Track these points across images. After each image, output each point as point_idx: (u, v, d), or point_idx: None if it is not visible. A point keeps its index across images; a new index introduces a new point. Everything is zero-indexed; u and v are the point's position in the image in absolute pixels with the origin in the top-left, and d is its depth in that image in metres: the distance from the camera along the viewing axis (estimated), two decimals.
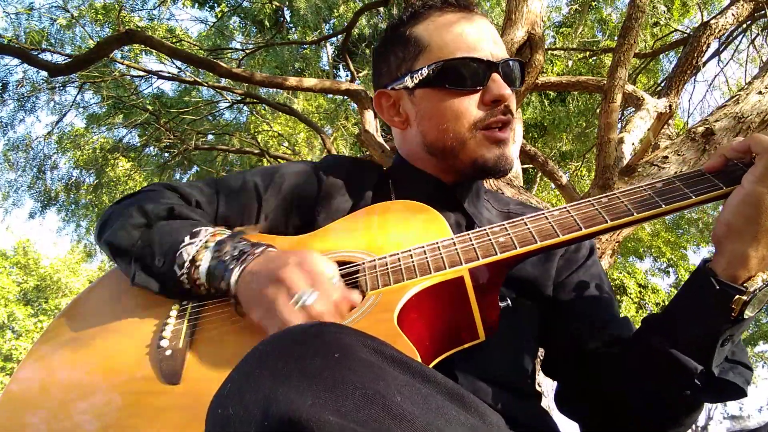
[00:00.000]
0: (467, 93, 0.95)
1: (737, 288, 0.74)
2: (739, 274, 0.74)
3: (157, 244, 0.88)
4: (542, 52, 3.01)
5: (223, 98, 7.98)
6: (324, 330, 0.55)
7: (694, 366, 0.77)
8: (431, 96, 0.97)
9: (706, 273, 0.77)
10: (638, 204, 0.79)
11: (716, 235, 0.77)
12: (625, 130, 3.62)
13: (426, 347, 0.78)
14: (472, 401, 0.55)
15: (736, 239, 0.74)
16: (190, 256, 0.84)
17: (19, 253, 19.25)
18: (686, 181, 0.79)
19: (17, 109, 7.33)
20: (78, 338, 0.87)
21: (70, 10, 7.16)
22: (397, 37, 1.03)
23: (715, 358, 0.77)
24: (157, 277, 0.87)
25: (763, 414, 20.80)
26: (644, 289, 10.59)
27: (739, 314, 0.74)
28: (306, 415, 0.44)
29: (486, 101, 0.95)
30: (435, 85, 0.96)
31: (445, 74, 0.95)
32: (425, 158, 1.03)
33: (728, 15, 3.86)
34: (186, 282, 0.85)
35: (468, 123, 0.95)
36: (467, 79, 0.94)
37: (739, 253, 0.74)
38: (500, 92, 0.94)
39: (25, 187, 8.49)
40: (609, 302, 1.00)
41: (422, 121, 1.00)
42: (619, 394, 0.88)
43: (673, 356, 0.78)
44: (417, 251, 0.84)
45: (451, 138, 0.96)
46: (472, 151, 0.96)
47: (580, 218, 0.80)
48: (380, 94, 1.06)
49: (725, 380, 0.78)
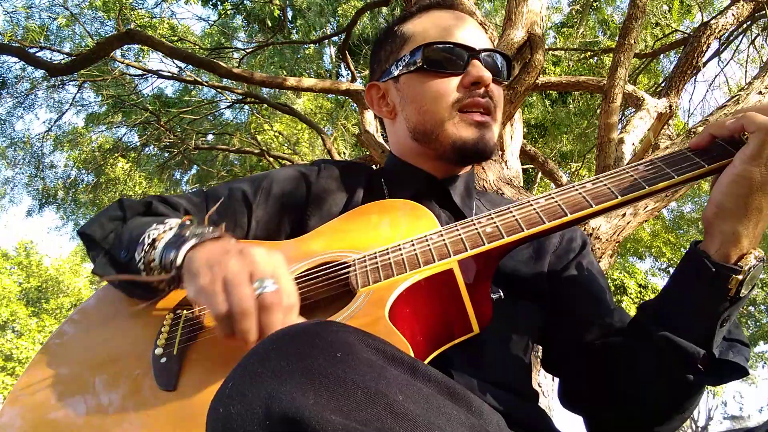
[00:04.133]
0: (447, 75, 0.98)
1: (732, 268, 0.73)
2: (732, 254, 0.74)
3: (126, 235, 0.88)
4: (542, 52, 3.01)
5: (224, 98, 7.97)
6: (325, 329, 0.55)
7: (696, 350, 0.77)
8: (413, 80, 1.01)
9: (699, 255, 0.76)
10: (622, 187, 0.79)
11: (707, 217, 0.76)
12: (625, 131, 3.63)
13: (419, 342, 0.78)
14: (472, 400, 0.55)
15: (728, 219, 0.73)
16: (150, 238, 0.82)
17: (20, 253, 19.26)
18: (668, 162, 0.80)
19: (15, 106, 7.33)
20: (78, 345, 0.87)
21: (70, 8, 7.16)
22: (387, 36, 1.09)
23: (715, 340, 0.77)
24: (118, 267, 0.86)
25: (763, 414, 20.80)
26: (644, 289, 10.59)
27: (735, 294, 0.74)
28: (308, 414, 0.44)
29: (465, 84, 0.97)
30: (417, 70, 1.00)
31: (426, 57, 0.98)
32: (412, 147, 1.05)
33: (728, 15, 3.86)
34: (142, 268, 0.82)
35: (447, 104, 0.97)
36: (447, 63, 0.98)
37: (730, 233, 0.73)
38: (479, 74, 0.96)
39: (22, 185, 8.49)
40: (604, 294, 1.00)
41: (406, 106, 1.03)
42: (620, 384, 0.88)
43: (675, 342, 0.78)
44: (405, 245, 0.84)
45: (430, 120, 0.99)
46: (451, 132, 0.98)
47: (565, 204, 0.80)
48: (370, 86, 1.11)
49: (726, 360, 0.78)
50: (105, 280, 0.90)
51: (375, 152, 4.21)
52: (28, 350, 16.04)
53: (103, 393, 0.77)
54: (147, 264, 0.82)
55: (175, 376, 0.76)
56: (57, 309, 18.22)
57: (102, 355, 0.84)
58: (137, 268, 0.83)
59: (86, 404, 0.77)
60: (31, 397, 0.80)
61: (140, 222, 0.90)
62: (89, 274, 19.15)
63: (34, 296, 18.67)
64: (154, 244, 0.81)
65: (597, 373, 0.92)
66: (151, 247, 0.81)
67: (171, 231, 0.82)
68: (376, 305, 0.75)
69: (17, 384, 0.83)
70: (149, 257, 0.81)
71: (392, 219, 0.92)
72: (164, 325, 0.85)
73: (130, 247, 0.84)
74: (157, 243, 0.81)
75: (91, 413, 0.75)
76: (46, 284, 18.87)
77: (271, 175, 1.09)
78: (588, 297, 1.00)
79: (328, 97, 8.80)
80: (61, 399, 0.79)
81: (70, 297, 18.60)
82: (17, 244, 19.35)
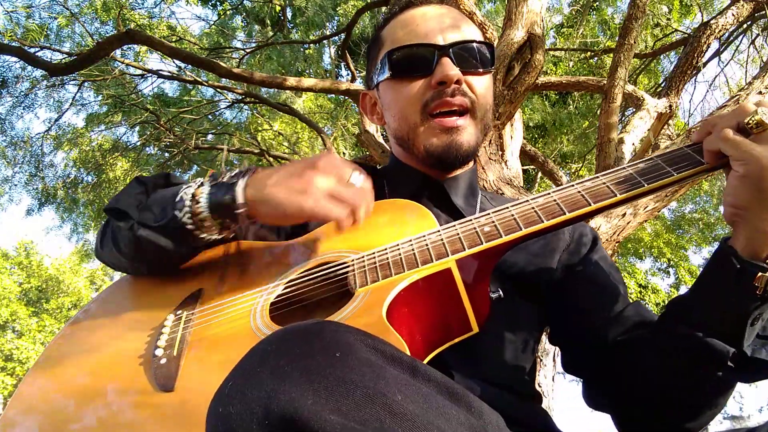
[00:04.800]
0: (416, 78, 0.97)
1: (758, 265, 0.71)
2: (761, 250, 0.71)
3: (156, 203, 0.89)
4: (542, 52, 3.01)
5: (224, 98, 7.97)
6: (325, 328, 0.55)
7: (725, 349, 0.75)
8: (388, 87, 1.01)
9: (727, 252, 0.74)
10: (621, 185, 0.78)
11: (727, 218, 0.75)
12: (625, 131, 3.63)
13: (418, 342, 0.78)
14: (471, 400, 0.55)
15: (747, 216, 0.71)
16: (188, 195, 0.84)
17: (20, 253, 19.26)
18: (668, 159, 0.79)
19: (15, 105, 7.32)
20: (81, 348, 0.88)
21: (70, 8, 7.16)
22: (373, 41, 1.09)
23: (746, 338, 0.74)
24: (162, 231, 0.87)
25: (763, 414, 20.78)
26: (644, 289, 10.58)
27: (764, 292, 0.71)
28: (307, 414, 0.44)
29: (433, 84, 0.95)
30: (389, 77, 0.99)
31: (393, 64, 0.98)
32: (402, 152, 1.07)
33: (728, 15, 3.86)
34: (189, 222, 0.84)
35: (417, 107, 0.97)
36: (415, 66, 0.97)
37: (755, 229, 0.71)
38: (444, 73, 0.94)
39: (21, 184, 8.49)
40: (618, 290, 0.98)
41: (386, 113, 1.04)
42: (649, 382, 0.85)
43: (703, 341, 0.76)
44: (404, 245, 0.84)
45: (404, 126, 0.99)
46: (422, 139, 0.98)
47: (564, 203, 0.80)
48: (362, 96, 1.12)
49: (759, 359, 0.75)
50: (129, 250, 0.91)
51: (375, 152, 4.20)
52: (28, 350, 16.05)
53: (104, 394, 0.77)
54: (195, 216, 0.83)
55: (174, 377, 0.76)
56: (57, 309, 18.22)
57: (104, 356, 0.85)
58: (180, 224, 0.84)
59: (87, 405, 0.77)
60: (32, 398, 0.80)
61: (166, 191, 0.92)
62: (89, 274, 19.16)
63: (35, 296, 18.68)
64: (196, 198, 0.83)
65: (623, 371, 0.90)
66: (193, 201, 0.83)
67: (205, 185, 0.85)
68: (374, 305, 0.75)
69: (22, 386, 0.83)
70: (195, 210, 0.83)
71: (392, 219, 0.92)
72: (165, 326, 0.85)
73: (166, 210, 0.86)
74: (199, 196, 0.83)
75: (92, 414, 0.75)
76: (46, 284, 18.87)
77: None
78: (602, 293, 0.98)
79: (328, 96, 8.79)
80: (62, 400, 0.79)
81: (71, 297, 18.60)
82: (17, 244, 19.36)
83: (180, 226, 0.84)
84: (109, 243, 0.95)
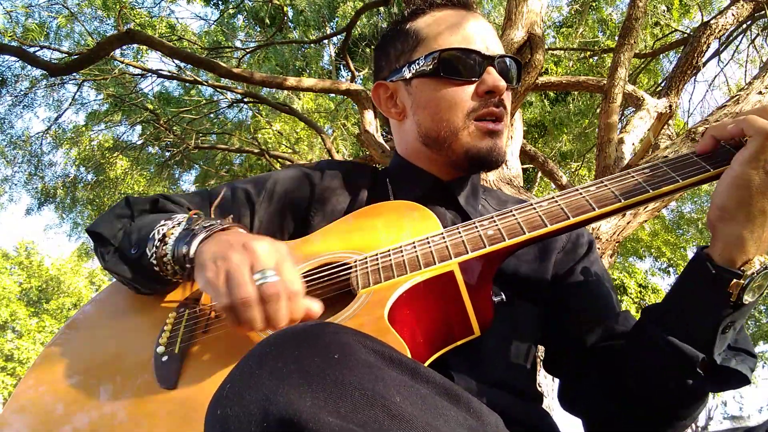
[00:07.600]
0: (462, 83, 0.97)
1: (733, 272, 0.72)
2: (736, 258, 0.73)
3: (135, 232, 0.89)
4: (542, 52, 3.01)
5: (224, 97, 7.97)
6: (324, 330, 0.55)
7: (695, 354, 0.76)
8: (427, 86, 0.99)
9: (703, 258, 0.75)
10: (625, 191, 0.78)
11: (710, 220, 0.76)
12: (625, 131, 3.63)
13: (420, 344, 0.78)
14: (470, 401, 0.55)
15: (730, 222, 0.72)
16: (160, 234, 0.83)
17: (21, 253, 19.26)
18: (673, 165, 0.79)
19: (14, 104, 7.32)
20: (82, 346, 0.88)
21: (70, 7, 7.16)
22: (397, 32, 1.06)
23: (717, 346, 0.75)
24: (129, 263, 0.87)
25: (763, 414, 20.80)
26: (644, 289, 10.59)
27: (737, 299, 0.72)
28: (305, 416, 0.44)
29: (480, 92, 0.96)
30: (431, 75, 0.98)
31: (442, 64, 0.97)
32: (420, 151, 1.04)
33: (728, 15, 3.86)
34: (154, 263, 0.83)
35: (462, 113, 0.96)
36: (463, 70, 0.96)
37: (734, 236, 0.72)
38: (495, 84, 0.95)
39: (21, 184, 8.49)
40: (608, 297, 1.00)
41: (418, 110, 1.02)
42: (621, 388, 0.87)
43: (673, 345, 0.77)
44: (407, 246, 0.83)
45: (444, 128, 0.98)
46: (464, 141, 0.97)
47: (567, 207, 0.80)
48: (378, 85, 1.08)
49: (728, 368, 0.77)
50: (114, 275, 0.91)
51: (375, 152, 4.20)
52: (28, 350, 16.06)
53: (105, 392, 0.78)
54: (159, 258, 0.82)
55: (176, 375, 0.76)
56: (57, 309, 18.22)
57: (105, 354, 0.85)
58: (149, 263, 0.83)
59: (88, 404, 0.77)
60: (33, 399, 0.80)
61: (149, 219, 0.91)
62: (89, 274, 19.16)
63: (35, 296, 18.68)
64: (165, 239, 0.82)
65: (598, 376, 0.91)
66: (162, 242, 0.82)
67: (180, 226, 0.83)
68: (376, 306, 0.75)
69: (20, 386, 0.83)
70: (161, 252, 0.82)
71: (396, 220, 0.91)
72: (167, 324, 0.85)
73: (140, 244, 0.85)
74: (168, 238, 0.82)
75: (93, 413, 0.76)
76: (46, 284, 18.88)
77: (275, 176, 1.08)
78: (592, 298, 0.99)
79: (328, 96, 8.79)
80: (63, 400, 0.79)
81: (71, 297, 18.61)
82: (18, 244, 19.37)
83: (147, 266, 0.84)
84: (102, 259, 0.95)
